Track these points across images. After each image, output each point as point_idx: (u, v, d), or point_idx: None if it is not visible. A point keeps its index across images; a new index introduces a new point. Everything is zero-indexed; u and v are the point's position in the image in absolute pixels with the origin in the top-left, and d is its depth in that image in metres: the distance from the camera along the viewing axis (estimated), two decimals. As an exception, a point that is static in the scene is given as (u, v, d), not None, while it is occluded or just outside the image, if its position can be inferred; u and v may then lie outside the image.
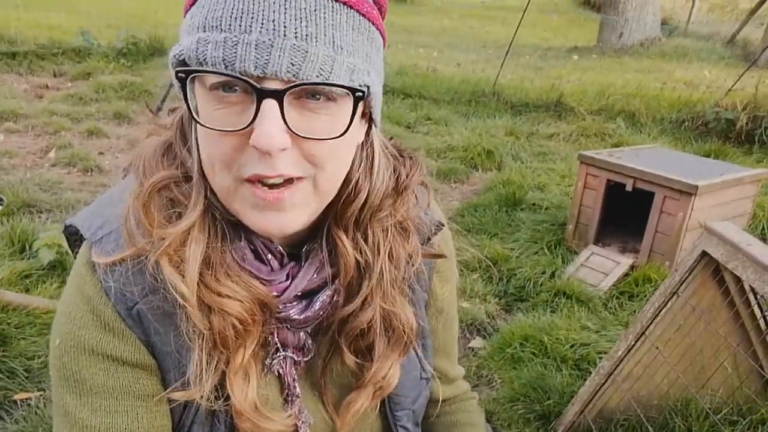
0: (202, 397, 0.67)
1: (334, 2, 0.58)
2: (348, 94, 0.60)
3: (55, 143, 4.97)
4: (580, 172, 3.44)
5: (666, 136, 5.97)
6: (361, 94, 0.60)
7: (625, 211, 3.36)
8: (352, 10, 0.60)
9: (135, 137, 5.34)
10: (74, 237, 0.74)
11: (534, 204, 4.15)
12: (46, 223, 3.44)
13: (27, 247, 2.98)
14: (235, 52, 0.55)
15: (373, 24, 0.63)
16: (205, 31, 0.57)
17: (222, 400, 0.69)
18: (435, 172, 4.97)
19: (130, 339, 0.69)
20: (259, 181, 0.61)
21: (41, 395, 2.14)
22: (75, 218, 0.73)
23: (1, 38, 7.63)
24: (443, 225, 0.85)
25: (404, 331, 0.77)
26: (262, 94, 0.56)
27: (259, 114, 0.57)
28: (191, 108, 0.61)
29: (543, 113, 6.63)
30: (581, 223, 3.49)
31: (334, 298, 0.74)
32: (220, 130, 0.59)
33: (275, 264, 0.71)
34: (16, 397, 2.12)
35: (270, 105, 0.56)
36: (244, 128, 0.58)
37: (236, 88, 0.58)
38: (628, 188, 3.16)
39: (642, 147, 4.06)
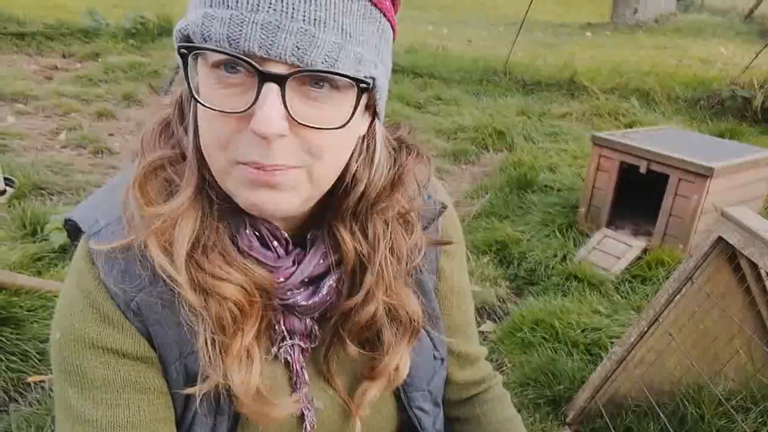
0: (218, 385, 0.67)
1: None
2: (352, 84, 0.58)
3: (66, 125, 4.99)
4: (593, 154, 3.39)
5: (681, 115, 5.88)
6: (366, 85, 0.58)
7: (638, 193, 3.32)
8: None
9: (144, 119, 5.34)
10: (74, 231, 0.73)
11: (546, 186, 4.11)
12: (58, 206, 3.45)
13: (39, 230, 2.99)
14: (240, 31, 0.53)
15: (385, 15, 0.61)
16: (211, 6, 0.55)
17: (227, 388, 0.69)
18: (445, 154, 4.93)
19: (130, 331, 0.68)
20: (253, 163, 0.59)
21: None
22: (74, 212, 0.73)
23: (9, 19, 7.62)
24: (446, 207, 0.83)
25: (411, 322, 0.77)
26: (264, 77, 0.55)
27: (260, 97, 0.55)
28: (191, 86, 0.59)
29: (555, 92, 6.55)
30: (593, 206, 3.45)
31: (339, 285, 0.74)
32: (219, 111, 0.58)
33: (281, 251, 0.70)
34: (30, 379, 2.14)
35: (271, 89, 0.55)
36: (244, 111, 0.56)
37: (239, 68, 0.56)
38: (642, 170, 3.11)
39: (656, 128, 4.00)
